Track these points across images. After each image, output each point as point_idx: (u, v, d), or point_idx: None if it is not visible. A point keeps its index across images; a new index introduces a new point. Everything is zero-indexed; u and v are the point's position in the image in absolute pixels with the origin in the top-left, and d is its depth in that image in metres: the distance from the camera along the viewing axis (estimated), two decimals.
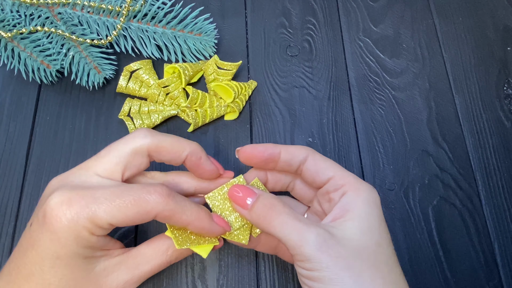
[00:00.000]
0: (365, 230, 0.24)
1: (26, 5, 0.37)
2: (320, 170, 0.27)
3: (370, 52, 0.41)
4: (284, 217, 0.24)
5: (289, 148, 0.28)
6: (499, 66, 0.41)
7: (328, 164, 0.27)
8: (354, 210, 0.25)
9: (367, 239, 0.24)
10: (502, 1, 0.44)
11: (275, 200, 0.26)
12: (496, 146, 0.37)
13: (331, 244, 0.23)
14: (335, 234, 0.23)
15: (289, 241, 0.23)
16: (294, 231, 0.23)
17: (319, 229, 0.23)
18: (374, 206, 0.25)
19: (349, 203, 0.25)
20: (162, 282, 0.31)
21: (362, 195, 0.25)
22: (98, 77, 0.36)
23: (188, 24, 0.38)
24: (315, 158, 0.27)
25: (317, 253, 0.22)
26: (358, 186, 0.25)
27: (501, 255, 0.33)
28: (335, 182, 0.26)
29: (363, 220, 0.24)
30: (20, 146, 0.36)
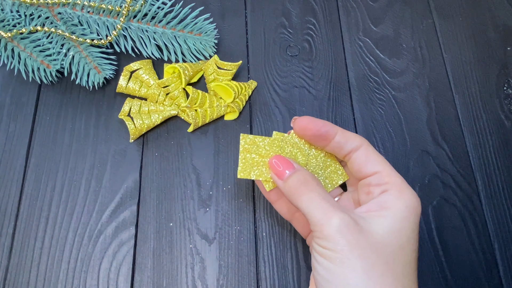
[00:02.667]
0: (394, 230, 0.24)
1: (26, 5, 0.37)
2: (370, 162, 0.27)
3: (370, 52, 0.41)
4: (314, 194, 0.25)
5: (346, 133, 0.28)
6: (499, 66, 0.41)
7: (380, 159, 0.27)
8: (391, 209, 0.24)
9: (392, 239, 0.24)
10: (502, 1, 0.44)
11: (309, 177, 0.26)
12: (496, 146, 0.37)
13: (353, 231, 0.23)
14: (362, 224, 0.24)
15: (313, 218, 0.24)
16: (320, 210, 0.24)
17: (345, 215, 0.24)
18: (412, 212, 0.25)
19: (387, 201, 0.25)
20: (162, 282, 0.31)
21: (403, 198, 0.25)
22: (98, 77, 0.36)
23: (188, 24, 0.38)
24: (369, 149, 0.27)
25: (336, 234, 0.23)
26: (402, 188, 0.25)
27: (501, 255, 0.33)
28: (380, 177, 0.26)
29: (396, 221, 0.24)
30: (20, 146, 0.36)
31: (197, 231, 0.33)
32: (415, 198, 0.25)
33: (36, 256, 0.32)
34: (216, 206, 0.34)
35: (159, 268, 0.32)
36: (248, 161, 0.28)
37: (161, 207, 0.34)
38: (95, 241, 0.33)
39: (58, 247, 0.32)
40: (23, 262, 0.32)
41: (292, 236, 0.33)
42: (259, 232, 0.33)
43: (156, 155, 0.36)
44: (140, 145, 0.36)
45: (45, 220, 0.33)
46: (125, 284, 0.31)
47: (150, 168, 0.35)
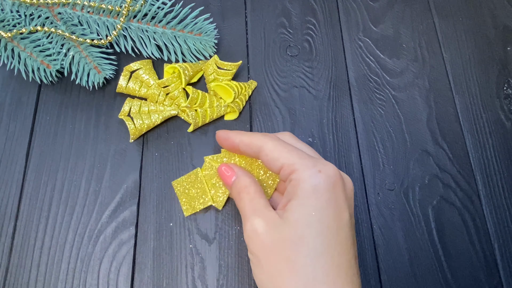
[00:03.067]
0: (302, 216, 0.25)
1: (26, 5, 0.37)
2: (271, 161, 0.27)
3: (370, 52, 0.41)
4: (245, 200, 0.28)
5: (246, 139, 0.29)
6: (499, 66, 0.41)
7: (278, 153, 0.27)
8: (294, 199, 0.26)
9: (303, 224, 0.25)
10: (502, 1, 0.44)
11: (248, 181, 0.29)
12: (496, 146, 0.37)
13: (262, 233, 0.26)
14: (276, 222, 0.26)
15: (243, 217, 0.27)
16: (243, 214, 0.27)
17: (257, 219, 0.26)
18: (318, 190, 0.25)
19: (290, 192, 0.26)
20: (162, 282, 0.31)
21: (303, 182, 0.25)
22: (98, 77, 0.36)
23: (188, 24, 0.38)
24: (268, 148, 0.28)
25: (247, 239, 0.26)
26: (300, 173, 0.26)
27: (501, 255, 0.33)
28: (284, 171, 0.27)
29: (302, 206, 0.25)
30: (20, 146, 0.36)
31: (197, 231, 0.33)
32: (317, 175, 0.25)
33: (36, 256, 0.32)
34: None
35: (159, 268, 0.32)
36: (188, 199, 0.33)
37: (161, 207, 0.34)
38: (95, 241, 0.33)
39: (58, 247, 0.32)
40: (23, 262, 0.32)
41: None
42: None
43: (156, 155, 0.36)
44: (140, 145, 0.36)
45: (45, 220, 0.33)
46: (125, 284, 0.31)
47: (150, 168, 0.35)
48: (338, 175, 0.26)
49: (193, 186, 0.33)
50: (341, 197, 0.26)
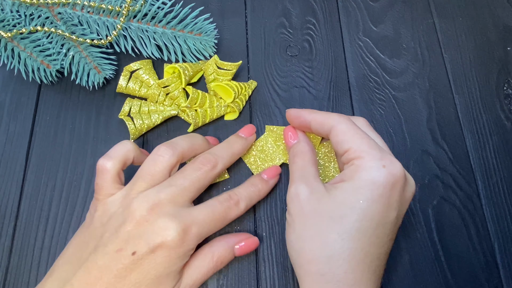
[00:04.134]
0: (346, 201, 0.25)
1: (26, 5, 0.37)
2: (340, 142, 0.28)
3: (370, 52, 0.41)
4: (297, 164, 0.29)
5: (319, 117, 0.29)
6: (499, 66, 0.41)
7: (350, 136, 0.27)
8: (346, 181, 0.26)
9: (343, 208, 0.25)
10: (502, 1, 0.44)
11: (306, 148, 0.30)
12: (496, 146, 0.37)
13: (303, 199, 0.27)
14: (321, 195, 0.26)
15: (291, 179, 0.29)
16: (291, 178, 0.29)
17: (301, 185, 0.27)
18: (368, 184, 0.25)
19: (347, 175, 0.27)
20: None
21: (360, 171, 0.26)
22: (98, 77, 0.36)
23: (188, 24, 0.38)
24: (339, 129, 0.28)
25: (289, 200, 0.27)
26: (363, 163, 0.26)
27: (501, 255, 0.33)
28: (348, 155, 0.27)
29: (346, 192, 0.26)
30: (20, 146, 0.36)
31: None
32: (380, 169, 0.25)
33: (36, 256, 0.32)
34: None
35: None
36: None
37: None
38: None
39: (58, 247, 0.32)
40: (23, 262, 0.32)
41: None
42: (259, 232, 0.33)
43: None
44: (140, 145, 0.36)
45: (45, 220, 0.33)
46: None
47: None
48: (402, 175, 0.26)
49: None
50: (395, 197, 0.26)
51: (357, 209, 0.25)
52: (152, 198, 0.27)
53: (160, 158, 0.29)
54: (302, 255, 0.26)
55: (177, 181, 0.28)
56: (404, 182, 0.26)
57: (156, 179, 0.28)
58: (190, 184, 0.28)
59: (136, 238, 0.26)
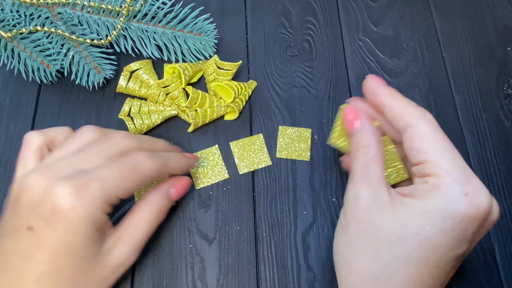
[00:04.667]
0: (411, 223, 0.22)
1: (26, 5, 0.37)
2: (414, 149, 0.23)
3: (370, 52, 0.41)
4: (359, 161, 0.24)
5: (397, 107, 0.25)
6: (499, 66, 0.41)
7: (429, 145, 0.23)
8: (415, 200, 0.22)
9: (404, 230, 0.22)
10: (502, 1, 0.44)
11: (369, 140, 0.25)
12: (496, 146, 0.37)
13: (362, 206, 0.23)
14: (383, 203, 0.23)
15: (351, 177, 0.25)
16: (351, 177, 0.25)
17: (363, 189, 0.23)
18: (441, 213, 0.21)
19: (418, 192, 0.22)
20: (162, 282, 0.31)
21: (436, 195, 0.22)
22: (98, 77, 0.36)
23: (188, 24, 0.38)
24: (416, 132, 0.23)
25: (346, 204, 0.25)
26: (441, 185, 0.21)
27: (501, 255, 0.33)
28: (423, 168, 0.23)
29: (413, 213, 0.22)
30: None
31: (197, 231, 0.33)
32: (462, 198, 0.21)
33: None
34: (216, 206, 0.34)
35: (159, 268, 0.32)
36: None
37: None
38: None
39: None
40: None
41: (292, 236, 0.33)
42: (259, 232, 0.33)
43: None
44: None
45: None
46: (125, 284, 0.31)
47: None
48: (487, 209, 0.22)
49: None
50: (471, 231, 0.22)
51: (421, 236, 0.21)
52: (47, 163, 0.25)
53: (83, 136, 0.27)
54: (348, 264, 0.23)
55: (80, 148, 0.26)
56: (487, 215, 0.22)
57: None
58: (97, 149, 0.26)
59: (30, 212, 0.23)
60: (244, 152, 0.35)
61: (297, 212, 0.34)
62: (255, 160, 0.35)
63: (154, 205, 0.28)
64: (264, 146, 0.36)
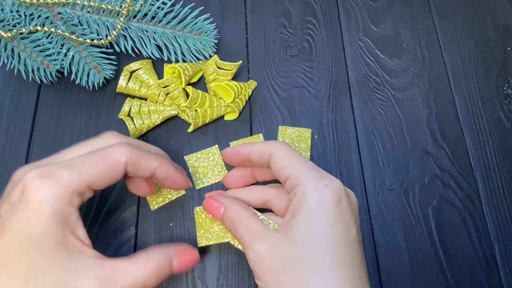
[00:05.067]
0: (308, 236, 0.24)
1: (26, 5, 0.37)
2: (279, 169, 0.26)
3: (370, 52, 0.41)
4: (240, 226, 0.26)
5: (257, 148, 0.28)
6: (499, 66, 0.41)
7: (288, 162, 0.26)
8: (300, 214, 0.25)
9: (310, 241, 0.24)
10: (502, 1, 0.44)
11: (238, 210, 0.27)
12: (496, 146, 0.37)
13: (268, 255, 0.24)
14: (280, 242, 0.25)
15: (243, 245, 0.26)
16: (242, 242, 0.26)
17: (258, 243, 0.25)
18: (323, 205, 0.24)
19: (295, 207, 0.25)
20: (162, 282, 0.31)
21: (309, 196, 0.25)
22: (98, 77, 0.36)
23: (188, 24, 0.38)
24: (277, 155, 0.27)
25: (252, 265, 0.25)
26: (307, 186, 0.25)
27: (501, 255, 0.33)
28: (290, 182, 0.26)
29: (308, 222, 0.24)
30: (20, 146, 0.36)
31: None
32: (320, 190, 0.25)
33: None
34: None
35: None
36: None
37: (161, 207, 0.34)
38: (94, 241, 0.33)
39: None
40: None
41: None
42: None
43: None
44: None
45: None
46: None
47: None
48: (343, 190, 0.25)
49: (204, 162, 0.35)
50: (348, 212, 0.25)
51: (321, 240, 0.24)
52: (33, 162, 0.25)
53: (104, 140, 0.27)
54: None
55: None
56: (347, 196, 0.26)
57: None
58: (81, 146, 0.26)
59: (3, 200, 0.23)
60: None
61: None
62: None
63: (152, 264, 0.24)
64: None
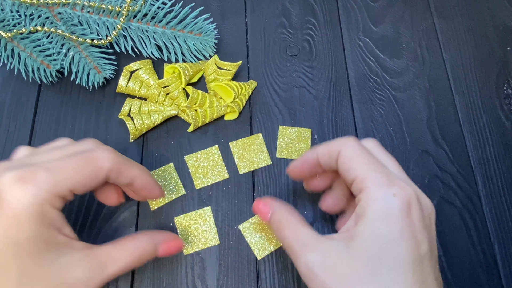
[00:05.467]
0: (371, 250, 0.22)
1: (26, 5, 0.37)
2: (346, 170, 0.24)
3: (370, 52, 0.41)
4: (288, 234, 0.25)
5: (324, 147, 0.26)
6: (499, 66, 0.41)
7: (355, 163, 0.24)
8: (360, 225, 0.23)
9: (373, 249, 0.22)
10: (502, 1, 0.44)
11: (285, 214, 0.26)
12: (496, 146, 0.37)
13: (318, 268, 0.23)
14: (336, 252, 0.23)
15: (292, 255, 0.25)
16: (290, 252, 0.25)
17: (310, 254, 0.23)
18: (389, 213, 0.22)
19: (359, 215, 0.23)
20: (162, 282, 0.31)
21: (371, 206, 0.23)
22: (98, 77, 0.36)
23: (188, 24, 0.38)
24: (346, 154, 0.25)
25: (304, 277, 0.23)
26: (370, 194, 0.23)
27: (501, 255, 0.33)
28: (355, 185, 0.24)
29: (367, 239, 0.22)
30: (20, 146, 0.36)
31: None
32: (390, 198, 0.22)
33: None
34: (216, 206, 0.34)
35: (159, 268, 0.32)
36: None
37: (161, 207, 0.34)
38: (94, 241, 0.33)
39: None
40: None
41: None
42: None
43: (156, 155, 0.36)
44: (140, 145, 0.36)
45: None
46: (125, 284, 0.31)
47: (150, 168, 0.35)
48: (415, 199, 0.23)
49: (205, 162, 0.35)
50: (418, 226, 0.22)
51: (385, 257, 0.21)
52: (7, 160, 0.24)
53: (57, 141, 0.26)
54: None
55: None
56: (419, 206, 0.23)
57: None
58: (61, 149, 0.25)
59: None
60: (244, 152, 0.35)
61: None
62: (255, 160, 0.35)
63: (140, 249, 0.26)
64: (264, 145, 0.36)
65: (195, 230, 0.33)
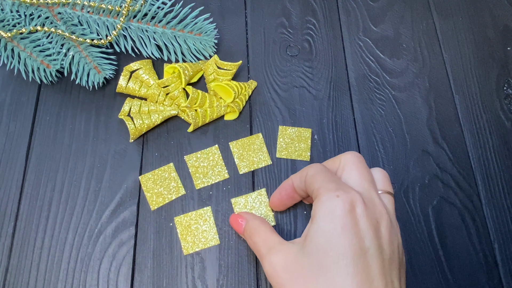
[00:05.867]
0: (318, 246, 0.24)
1: (26, 5, 0.37)
2: (309, 185, 0.27)
3: (370, 52, 0.41)
4: (257, 240, 0.28)
5: (297, 174, 0.29)
6: (499, 66, 0.41)
7: (315, 178, 0.27)
8: (310, 227, 0.25)
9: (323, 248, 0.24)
10: (502, 1, 0.44)
11: (256, 223, 0.29)
12: (496, 146, 0.37)
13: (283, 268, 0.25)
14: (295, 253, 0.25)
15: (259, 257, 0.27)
16: (259, 254, 0.27)
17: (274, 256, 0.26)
18: (332, 214, 0.24)
19: (312, 218, 0.26)
20: (162, 282, 0.31)
21: (319, 207, 0.25)
22: (98, 77, 0.36)
23: (188, 24, 0.38)
24: (308, 174, 0.27)
25: (269, 278, 0.26)
26: (319, 197, 0.25)
27: (501, 255, 0.33)
28: (314, 196, 0.26)
29: (314, 237, 0.24)
30: (20, 146, 0.36)
31: None
32: (334, 199, 0.24)
33: (36, 256, 0.32)
34: (216, 206, 0.34)
35: (159, 268, 0.32)
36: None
37: (161, 207, 0.34)
38: (95, 241, 0.33)
39: (58, 247, 0.32)
40: (23, 262, 0.32)
41: (292, 236, 0.33)
42: None
43: (156, 155, 0.36)
44: (140, 145, 0.36)
45: (45, 220, 0.33)
46: (125, 284, 0.31)
47: (150, 168, 0.35)
48: (360, 201, 0.25)
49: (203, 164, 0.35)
50: (361, 223, 0.24)
51: (329, 251, 0.23)
52: None
53: None
54: None
55: None
56: (363, 207, 0.24)
57: None
58: None
59: None
60: (244, 152, 0.35)
61: (297, 212, 0.34)
62: (255, 160, 0.35)
63: None
64: (264, 145, 0.36)
65: (195, 230, 0.33)
